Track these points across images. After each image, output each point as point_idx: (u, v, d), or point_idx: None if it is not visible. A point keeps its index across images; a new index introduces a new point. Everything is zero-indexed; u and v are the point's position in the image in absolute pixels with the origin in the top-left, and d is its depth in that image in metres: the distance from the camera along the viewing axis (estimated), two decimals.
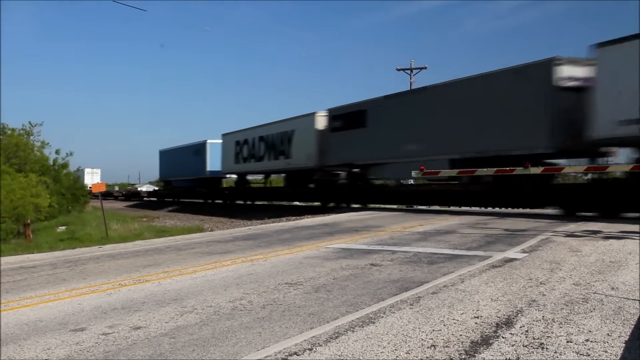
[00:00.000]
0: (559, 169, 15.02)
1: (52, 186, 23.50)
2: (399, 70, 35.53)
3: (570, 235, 9.65)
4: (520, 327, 3.96)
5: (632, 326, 3.91)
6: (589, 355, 3.35)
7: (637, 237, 9.00)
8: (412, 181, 22.38)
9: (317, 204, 25.20)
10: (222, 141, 34.51)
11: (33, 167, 22.48)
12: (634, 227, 10.59)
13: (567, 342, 3.60)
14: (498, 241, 9.02)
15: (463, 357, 3.38)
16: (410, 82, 34.40)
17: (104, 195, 21.10)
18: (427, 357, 3.39)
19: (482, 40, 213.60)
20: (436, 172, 17.11)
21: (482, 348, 3.52)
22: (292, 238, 10.84)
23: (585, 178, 16.45)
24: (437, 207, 19.43)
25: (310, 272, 6.56)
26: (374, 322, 4.19)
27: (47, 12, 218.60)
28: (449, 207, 19.41)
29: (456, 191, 18.92)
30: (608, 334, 3.76)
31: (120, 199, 59.50)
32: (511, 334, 3.80)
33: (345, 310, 4.60)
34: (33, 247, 13.24)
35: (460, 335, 3.81)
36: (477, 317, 4.25)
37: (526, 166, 14.74)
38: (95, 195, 27.44)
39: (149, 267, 7.65)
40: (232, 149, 32.60)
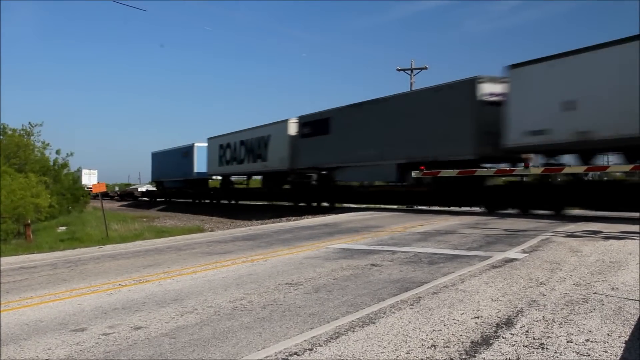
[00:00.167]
0: (559, 169, 15.09)
1: (52, 186, 23.52)
2: (399, 70, 35.49)
3: (571, 235, 9.66)
4: (521, 327, 3.96)
5: (632, 326, 3.91)
6: (589, 355, 3.35)
7: (637, 238, 9.02)
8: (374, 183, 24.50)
9: (314, 204, 25.84)
10: (207, 144, 36.75)
11: (33, 168, 22.49)
12: (634, 228, 10.60)
13: (568, 342, 3.60)
14: (498, 241, 9.02)
15: (463, 357, 3.38)
16: (411, 82, 34.37)
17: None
18: (427, 357, 3.39)
19: (482, 41, 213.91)
20: (436, 173, 17.12)
21: (482, 348, 3.52)
22: (292, 238, 10.84)
23: (502, 179, 18.36)
24: (437, 207, 19.53)
25: (310, 272, 6.56)
26: (374, 322, 4.19)
27: (47, 12, 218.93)
28: (400, 206, 21.62)
29: (402, 192, 21.24)
30: (608, 334, 3.76)
31: (116, 198, 60.33)
32: (511, 334, 3.80)
33: (345, 311, 4.60)
34: (33, 247, 13.26)
35: (461, 335, 3.82)
36: (478, 317, 4.26)
37: (526, 165, 15.76)
38: (95, 195, 27.59)
39: (149, 268, 7.65)
40: (217, 151, 34.99)
